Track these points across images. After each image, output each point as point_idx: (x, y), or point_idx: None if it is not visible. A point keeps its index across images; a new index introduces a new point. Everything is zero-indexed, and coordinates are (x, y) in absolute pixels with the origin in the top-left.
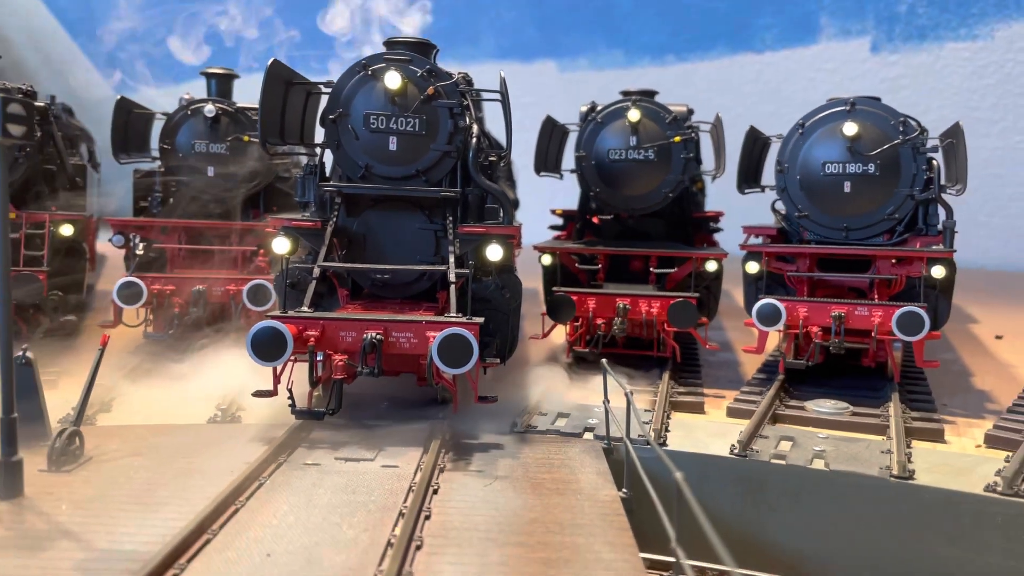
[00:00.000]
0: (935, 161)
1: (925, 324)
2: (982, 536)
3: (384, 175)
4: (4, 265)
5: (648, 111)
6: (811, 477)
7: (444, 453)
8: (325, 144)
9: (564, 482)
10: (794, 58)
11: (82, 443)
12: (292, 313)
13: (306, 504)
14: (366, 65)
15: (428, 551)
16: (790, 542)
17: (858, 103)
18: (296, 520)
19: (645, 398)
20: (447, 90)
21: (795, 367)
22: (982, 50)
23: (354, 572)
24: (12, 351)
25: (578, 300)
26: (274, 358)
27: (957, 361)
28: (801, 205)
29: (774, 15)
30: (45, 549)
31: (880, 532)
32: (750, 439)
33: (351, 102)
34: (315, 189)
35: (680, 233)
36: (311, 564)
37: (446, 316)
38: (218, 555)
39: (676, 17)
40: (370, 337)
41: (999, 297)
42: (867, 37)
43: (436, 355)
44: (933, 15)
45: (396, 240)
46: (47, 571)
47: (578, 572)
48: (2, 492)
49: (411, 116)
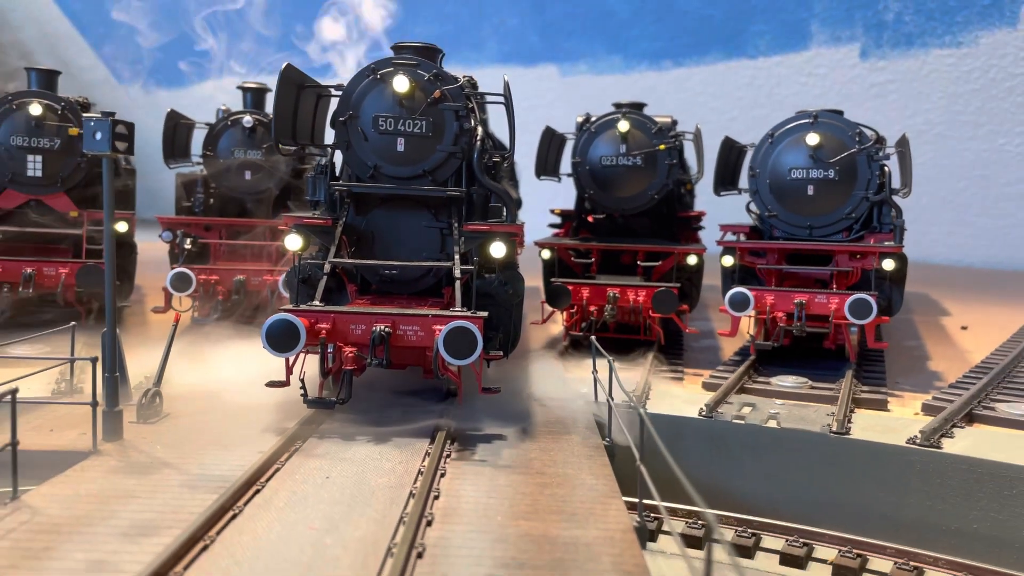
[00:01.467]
0: (887, 167)
1: (873, 309)
2: (904, 481)
3: (392, 175)
4: (110, 259)
5: (636, 122)
6: (765, 434)
7: (451, 443)
8: (335, 145)
9: (559, 434)
10: (786, 64)
11: (161, 401)
12: (304, 307)
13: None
14: (375, 69)
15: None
16: (748, 487)
17: (820, 116)
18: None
19: (632, 375)
20: (453, 93)
21: (763, 348)
22: (967, 56)
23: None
24: (116, 327)
25: (574, 290)
26: (287, 349)
27: (920, 347)
28: (770, 206)
29: (767, 22)
30: (152, 474)
31: (821, 478)
32: (716, 404)
33: (361, 104)
34: (326, 188)
35: (665, 230)
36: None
37: (451, 310)
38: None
39: (673, 24)
40: (379, 330)
41: (977, 293)
42: (856, 44)
43: (442, 347)
44: (919, 23)
45: (403, 237)
46: (159, 487)
47: (568, 491)
48: (108, 435)
49: (418, 118)
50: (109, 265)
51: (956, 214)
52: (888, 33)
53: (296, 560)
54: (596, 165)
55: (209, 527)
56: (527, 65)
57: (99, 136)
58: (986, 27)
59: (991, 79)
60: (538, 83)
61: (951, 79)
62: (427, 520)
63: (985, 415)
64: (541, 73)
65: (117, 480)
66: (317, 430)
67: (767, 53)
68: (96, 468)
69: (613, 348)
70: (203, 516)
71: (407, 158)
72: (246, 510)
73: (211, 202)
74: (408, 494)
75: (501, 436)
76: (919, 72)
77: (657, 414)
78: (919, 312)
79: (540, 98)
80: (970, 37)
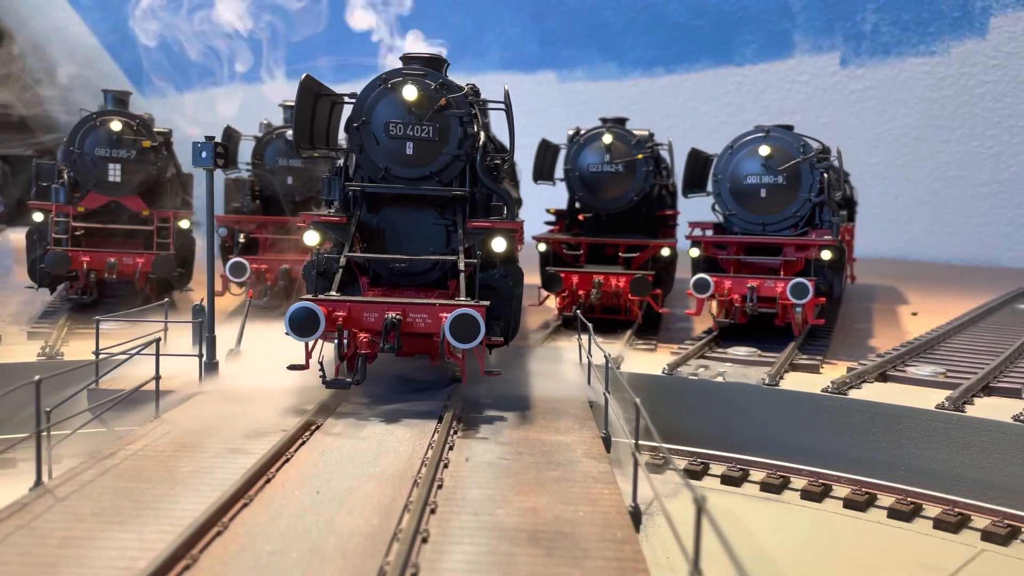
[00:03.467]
0: (826, 174)
1: (810, 291)
2: (818, 421)
3: (401, 176)
4: (209, 248)
5: (618, 135)
6: (714, 386)
7: (457, 422)
8: (349, 148)
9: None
10: (771, 71)
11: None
12: (323, 297)
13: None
14: (386, 79)
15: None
16: (699, 428)
17: (772, 131)
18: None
19: (612, 348)
20: (457, 101)
21: (723, 324)
22: (939, 65)
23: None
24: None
25: (565, 276)
26: (309, 334)
27: (868, 329)
28: (730, 206)
29: (752, 32)
30: (250, 403)
31: (755, 419)
32: (677, 365)
33: (373, 111)
34: (340, 188)
35: (645, 227)
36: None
37: (456, 300)
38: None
39: (664, 34)
40: (391, 317)
41: (942, 286)
42: (836, 53)
43: (448, 332)
44: (895, 33)
45: (412, 234)
46: (255, 410)
47: (561, 438)
48: (207, 379)
49: (426, 124)
50: (209, 254)
51: (933, 213)
52: (866, 43)
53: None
54: (585, 171)
55: (248, 487)
56: (527, 72)
57: (204, 155)
58: (957, 38)
59: (963, 86)
60: (537, 88)
61: (926, 86)
62: (438, 484)
63: (895, 375)
64: (540, 79)
65: (225, 406)
66: (335, 411)
67: (753, 61)
68: (207, 400)
69: (598, 327)
70: (242, 479)
71: (415, 160)
72: (277, 476)
73: (257, 203)
74: (419, 464)
75: (502, 417)
76: (896, 79)
77: (629, 372)
78: (880, 302)
79: (539, 103)
80: (942, 47)
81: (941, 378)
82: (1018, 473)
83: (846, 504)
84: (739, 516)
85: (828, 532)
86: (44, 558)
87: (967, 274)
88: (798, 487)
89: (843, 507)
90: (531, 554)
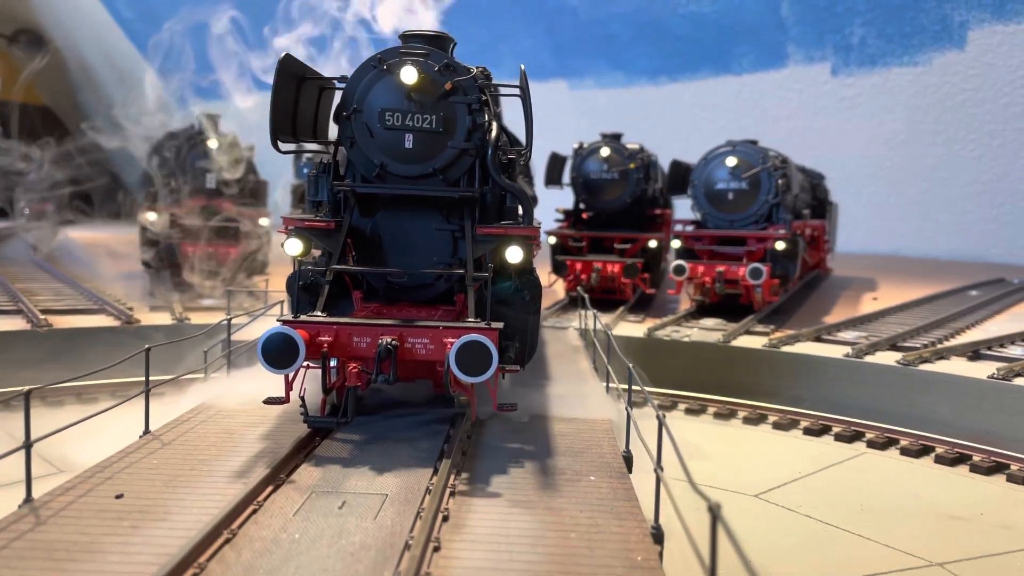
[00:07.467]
0: (780, 181)
1: (763, 274)
2: (759, 368)
3: (400, 174)
4: None
5: (614, 148)
6: (682, 345)
7: (456, 474)
8: (339, 142)
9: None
10: (767, 80)
11: None
12: (304, 318)
13: None
14: (381, 59)
15: None
16: (670, 376)
17: (738, 145)
18: None
19: (607, 320)
20: (465, 85)
21: (697, 301)
22: (922, 74)
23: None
24: None
25: (570, 263)
26: (286, 365)
27: (827, 309)
28: (705, 207)
29: (749, 43)
30: None
31: (712, 368)
32: (655, 330)
33: (366, 98)
34: (328, 188)
35: (636, 223)
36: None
37: (464, 321)
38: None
39: (668, 45)
40: (385, 343)
41: (916, 277)
42: (827, 63)
43: (454, 363)
44: (881, 45)
45: (412, 241)
46: None
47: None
48: None
49: (428, 113)
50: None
51: (922, 212)
52: (854, 54)
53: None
54: (587, 178)
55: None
56: (539, 81)
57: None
58: (938, 49)
59: (945, 93)
60: (549, 96)
61: (911, 94)
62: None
63: (828, 338)
64: (552, 87)
65: None
66: (310, 454)
67: (750, 70)
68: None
69: (597, 305)
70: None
71: (416, 155)
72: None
73: None
74: (402, 548)
75: (517, 462)
76: (883, 88)
77: (618, 335)
78: (852, 289)
79: (552, 109)
80: (925, 58)
81: (862, 340)
82: (897, 400)
83: (775, 426)
84: (698, 439)
85: (762, 447)
86: None
87: (952, 268)
88: (743, 415)
89: (772, 428)
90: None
